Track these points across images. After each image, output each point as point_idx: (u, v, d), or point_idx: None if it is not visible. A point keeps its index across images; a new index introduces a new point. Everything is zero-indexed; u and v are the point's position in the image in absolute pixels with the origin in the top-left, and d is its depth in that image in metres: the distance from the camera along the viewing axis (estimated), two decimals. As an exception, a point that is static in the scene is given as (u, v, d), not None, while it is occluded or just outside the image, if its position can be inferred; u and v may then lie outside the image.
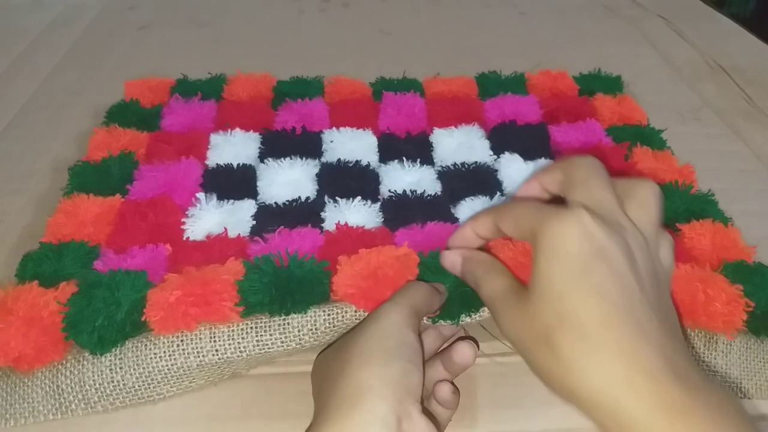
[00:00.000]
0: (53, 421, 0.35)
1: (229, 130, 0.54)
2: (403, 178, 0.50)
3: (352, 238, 0.41)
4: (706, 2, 0.91)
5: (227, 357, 0.35)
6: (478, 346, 0.33)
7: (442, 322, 0.36)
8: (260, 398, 0.37)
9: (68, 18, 0.85)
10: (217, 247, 0.41)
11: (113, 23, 0.84)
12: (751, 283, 0.37)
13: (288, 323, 0.36)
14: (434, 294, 0.35)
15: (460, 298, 0.36)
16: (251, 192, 0.48)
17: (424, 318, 0.36)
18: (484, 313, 0.36)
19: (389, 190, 0.48)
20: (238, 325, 0.35)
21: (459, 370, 0.34)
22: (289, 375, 0.37)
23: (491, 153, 0.53)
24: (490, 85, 0.60)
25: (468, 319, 0.36)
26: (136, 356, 0.35)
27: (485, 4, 0.90)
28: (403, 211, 0.45)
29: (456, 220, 0.45)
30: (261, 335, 0.35)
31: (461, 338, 0.35)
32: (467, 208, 0.46)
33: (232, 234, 0.43)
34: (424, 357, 0.32)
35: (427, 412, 0.31)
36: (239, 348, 0.35)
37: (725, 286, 0.37)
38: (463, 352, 0.33)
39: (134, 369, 0.35)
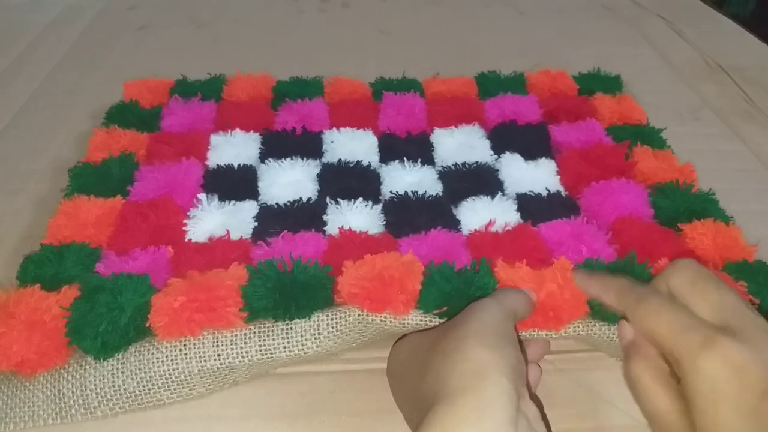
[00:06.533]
0: (52, 425, 0.34)
1: (229, 130, 0.54)
2: (404, 178, 0.50)
3: (355, 244, 0.41)
4: (706, 2, 0.91)
5: (229, 362, 0.35)
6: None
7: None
8: (260, 398, 0.37)
9: (68, 18, 0.84)
10: (220, 249, 0.41)
11: (113, 23, 0.84)
12: (754, 282, 0.37)
13: (291, 328, 0.36)
14: (530, 303, 0.35)
15: None
16: (252, 193, 0.48)
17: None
18: None
19: (390, 191, 0.48)
20: (241, 331, 0.35)
21: None
22: (290, 375, 0.37)
23: (492, 153, 0.53)
24: (489, 84, 0.60)
25: None
26: (139, 360, 0.35)
27: (485, 4, 0.90)
28: (405, 213, 0.45)
29: (458, 222, 0.45)
30: (264, 340, 0.35)
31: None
32: (469, 208, 0.46)
33: (234, 236, 0.43)
34: None
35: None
36: (241, 353, 0.35)
37: (729, 283, 0.37)
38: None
39: (136, 374, 0.34)
